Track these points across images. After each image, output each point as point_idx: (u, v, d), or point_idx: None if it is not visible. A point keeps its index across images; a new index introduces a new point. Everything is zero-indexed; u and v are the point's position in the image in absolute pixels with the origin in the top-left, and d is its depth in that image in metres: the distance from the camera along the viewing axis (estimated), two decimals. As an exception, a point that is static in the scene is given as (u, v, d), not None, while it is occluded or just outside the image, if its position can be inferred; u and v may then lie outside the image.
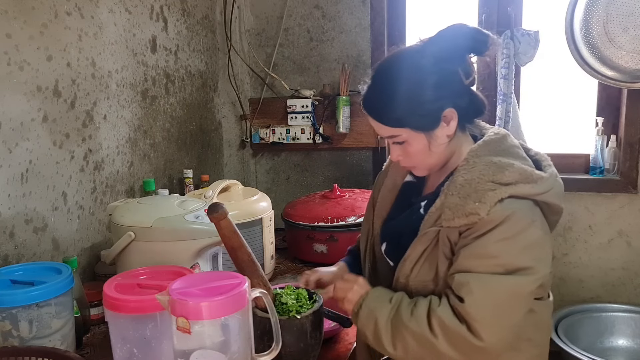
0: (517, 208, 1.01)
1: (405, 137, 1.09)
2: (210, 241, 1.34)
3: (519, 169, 1.03)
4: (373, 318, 1.05)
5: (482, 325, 0.97)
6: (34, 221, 1.43)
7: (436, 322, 1.00)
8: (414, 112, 1.06)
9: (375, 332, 1.05)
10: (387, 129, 1.10)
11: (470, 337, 0.97)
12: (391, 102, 1.07)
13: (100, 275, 1.58)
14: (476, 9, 2.26)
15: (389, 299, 1.07)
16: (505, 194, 1.00)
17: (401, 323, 1.03)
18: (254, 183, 2.61)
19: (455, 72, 1.06)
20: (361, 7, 2.35)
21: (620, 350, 2.17)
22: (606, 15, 1.92)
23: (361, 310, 1.08)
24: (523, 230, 1.01)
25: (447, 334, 0.99)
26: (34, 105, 1.41)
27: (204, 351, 0.88)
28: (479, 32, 1.07)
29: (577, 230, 2.26)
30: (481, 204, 1.00)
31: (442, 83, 1.06)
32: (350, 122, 2.36)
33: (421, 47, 1.08)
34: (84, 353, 1.25)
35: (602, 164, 2.20)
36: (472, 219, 1.00)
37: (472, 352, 0.99)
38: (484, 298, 0.98)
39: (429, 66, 1.05)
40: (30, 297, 1.05)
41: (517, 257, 1.00)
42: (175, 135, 2.12)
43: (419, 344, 1.01)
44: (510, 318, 1.02)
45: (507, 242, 1.00)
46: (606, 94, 2.22)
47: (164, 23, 2.02)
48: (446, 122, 1.08)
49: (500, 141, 1.10)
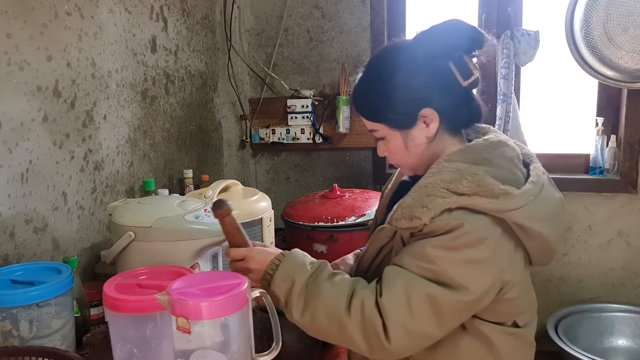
0: (467, 221, 0.93)
1: (383, 133, 1.07)
2: (210, 241, 1.33)
3: (479, 179, 0.94)
4: (290, 281, 0.98)
5: (392, 325, 0.92)
6: (34, 221, 1.43)
7: (357, 304, 0.94)
8: (389, 109, 1.03)
9: (288, 295, 0.98)
10: (367, 122, 1.09)
11: (381, 334, 0.92)
12: (371, 95, 1.06)
13: (100, 275, 1.58)
14: (476, 8, 2.26)
15: (308, 263, 1.01)
16: (455, 204, 0.94)
17: (317, 291, 0.96)
18: (254, 183, 2.61)
19: (446, 70, 1.01)
20: (361, 7, 2.35)
21: (620, 350, 2.18)
22: (606, 15, 1.93)
23: (277, 272, 1.00)
24: (468, 245, 0.93)
25: (363, 320, 0.93)
26: (34, 105, 1.41)
27: (204, 351, 0.88)
28: (474, 30, 1.02)
29: (577, 230, 2.27)
30: (426, 209, 0.94)
31: (428, 81, 1.01)
32: (350, 122, 2.36)
33: (413, 42, 1.05)
34: (84, 353, 1.25)
35: (602, 164, 2.20)
36: (414, 223, 0.96)
37: (377, 347, 0.93)
38: (401, 297, 0.92)
39: (416, 62, 1.01)
40: (30, 297, 1.05)
41: (453, 269, 0.93)
42: (175, 135, 2.12)
43: (329, 318, 0.95)
44: (420, 325, 0.93)
45: (447, 251, 0.93)
46: (606, 94, 2.22)
47: (164, 23, 2.02)
48: (426, 123, 1.03)
49: (485, 148, 1.03)
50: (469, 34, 1.02)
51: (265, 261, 1.03)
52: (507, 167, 1.01)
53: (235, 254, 1.07)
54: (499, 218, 0.95)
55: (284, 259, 1.02)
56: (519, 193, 0.95)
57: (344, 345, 1.03)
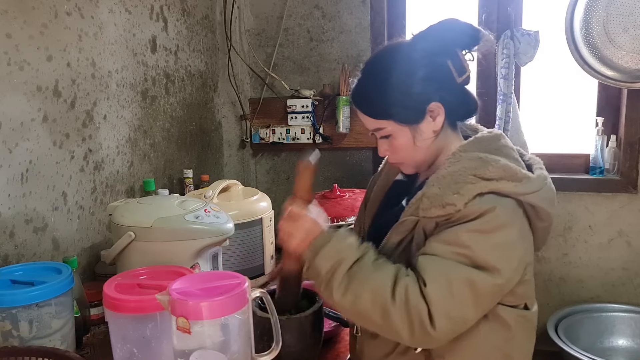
0: (498, 204, 0.97)
1: (389, 130, 1.08)
2: (210, 241, 1.34)
3: (503, 165, 1.00)
4: (338, 258, 0.98)
5: (437, 312, 0.92)
6: (34, 221, 1.43)
7: (401, 291, 0.94)
8: (398, 104, 1.05)
9: (332, 272, 0.97)
10: (372, 122, 1.09)
11: (426, 321, 0.92)
12: (376, 93, 1.07)
13: (100, 275, 1.58)
14: (476, 9, 2.26)
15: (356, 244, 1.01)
16: (486, 188, 0.97)
17: (362, 274, 0.96)
18: (254, 183, 2.61)
19: (445, 67, 1.05)
20: (361, 7, 2.35)
21: (620, 350, 2.18)
22: (606, 15, 1.93)
23: (327, 246, 0.99)
24: (500, 227, 0.96)
25: (407, 307, 0.93)
26: (34, 105, 1.41)
27: (204, 351, 0.88)
28: (470, 27, 1.06)
29: (577, 230, 2.26)
30: (459, 195, 0.97)
31: (430, 76, 1.04)
32: (350, 122, 2.36)
33: (412, 41, 1.08)
34: (84, 353, 1.25)
35: (602, 164, 2.20)
36: (448, 210, 0.97)
37: (420, 334, 0.93)
38: (443, 284, 0.94)
39: (417, 59, 1.04)
40: (30, 297, 1.05)
41: (487, 252, 0.95)
42: (175, 135, 2.12)
43: (373, 302, 0.94)
44: (461, 310, 0.95)
45: (480, 235, 0.96)
46: (606, 94, 2.22)
47: (164, 23, 2.02)
48: (432, 117, 1.06)
49: (492, 139, 1.08)
50: (465, 30, 1.06)
51: (315, 232, 1.02)
52: (514, 156, 1.06)
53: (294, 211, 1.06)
54: (519, 201, 1.00)
55: (336, 235, 1.02)
56: (536, 177, 1.02)
57: (378, 330, 0.99)
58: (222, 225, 1.35)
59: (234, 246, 1.60)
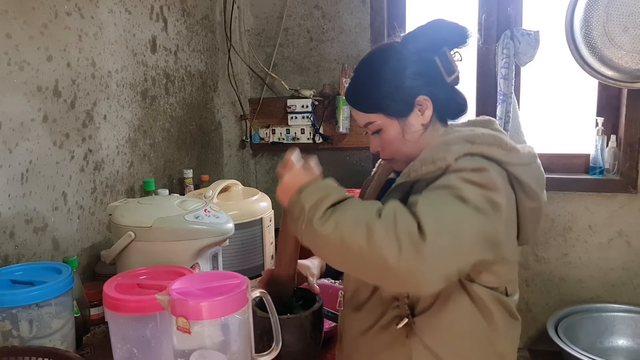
0: (490, 167, 0.97)
1: (379, 124, 1.11)
2: (210, 241, 1.34)
3: (493, 134, 1.03)
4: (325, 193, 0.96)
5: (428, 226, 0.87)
6: (34, 221, 1.43)
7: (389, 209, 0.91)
8: (387, 97, 1.08)
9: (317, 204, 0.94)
10: (363, 116, 1.12)
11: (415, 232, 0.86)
12: (366, 88, 1.10)
13: (100, 275, 1.58)
14: (476, 9, 2.26)
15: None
16: (476, 150, 0.99)
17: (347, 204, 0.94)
18: (254, 183, 2.61)
19: (433, 63, 1.08)
20: (361, 7, 2.35)
21: (620, 350, 2.18)
22: (606, 15, 1.93)
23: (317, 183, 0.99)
24: (490, 187, 0.94)
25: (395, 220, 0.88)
26: (34, 105, 1.41)
27: (204, 351, 0.88)
28: (456, 25, 1.10)
29: (577, 230, 2.27)
30: (449, 153, 0.99)
31: (418, 71, 1.08)
32: (350, 122, 2.36)
33: (401, 40, 1.12)
34: (84, 353, 1.25)
35: (602, 164, 2.20)
36: (438, 164, 0.99)
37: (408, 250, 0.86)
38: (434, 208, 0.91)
39: (406, 55, 1.08)
40: (30, 297, 1.05)
41: (477, 198, 0.92)
42: (175, 135, 2.12)
43: (355, 222, 0.89)
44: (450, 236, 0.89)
45: (472, 185, 0.94)
46: (606, 94, 2.22)
47: (164, 23, 2.02)
48: (421, 110, 1.09)
49: (483, 122, 1.11)
50: (452, 28, 1.09)
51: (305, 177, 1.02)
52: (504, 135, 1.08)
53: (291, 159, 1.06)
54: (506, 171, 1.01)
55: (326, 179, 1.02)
56: (524, 152, 1.04)
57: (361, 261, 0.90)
58: (222, 225, 1.36)
59: (234, 246, 1.60)
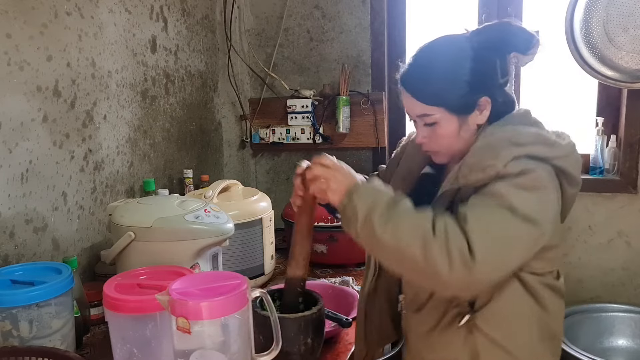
0: (537, 167, 0.99)
1: (437, 117, 1.09)
2: (210, 241, 1.34)
3: (535, 132, 1.03)
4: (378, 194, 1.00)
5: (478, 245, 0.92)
6: (34, 221, 1.43)
7: (441, 223, 0.95)
8: (453, 92, 1.07)
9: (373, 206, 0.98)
10: (421, 107, 1.09)
11: (465, 252, 0.91)
12: (431, 78, 1.08)
13: (100, 275, 1.58)
14: (476, 9, 2.26)
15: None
16: (522, 152, 0.99)
17: (401, 209, 0.98)
18: (254, 183, 2.61)
19: (494, 64, 1.08)
20: (361, 7, 2.35)
21: (620, 350, 2.17)
22: (606, 16, 1.93)
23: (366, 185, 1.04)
24: (540, 187, 0.98)
25: (447, 237, 0.92)
26: (34, 105, 1.41)
27: (204, 351, 0.88)
28: (524, 30, 1.09)
29: (577, 230, 2.26)
30: (498, 159, 0.99)
31: (483, 71, 1.07)
32: (350, 122, 2.36)
33: (467, 34, 1.10)
34: (84, 353, 1.26)
35: (602, 164, 2.20)
36: (488, 172, 0.99)
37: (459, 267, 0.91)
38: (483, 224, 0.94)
39: (472, 52, 1.07)
40: (30, 297, 1.05)
41: (527, 204, 0.96)
42: (175, 135, 2.12)
43: (413, 232, 0.94)
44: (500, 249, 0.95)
45: (521, 190, 0.97)
46: (606, 94, 2.22)
47: (164, 23, 2.02)
48: (480, 110, 1.09)
49: (522, 116, 1.11)
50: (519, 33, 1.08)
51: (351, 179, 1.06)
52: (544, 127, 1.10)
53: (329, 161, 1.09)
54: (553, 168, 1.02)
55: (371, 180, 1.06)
56: (566, 143, 1.05)
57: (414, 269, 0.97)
58: (222, 225, 1.36)
59: (234, 246, 1.60)
